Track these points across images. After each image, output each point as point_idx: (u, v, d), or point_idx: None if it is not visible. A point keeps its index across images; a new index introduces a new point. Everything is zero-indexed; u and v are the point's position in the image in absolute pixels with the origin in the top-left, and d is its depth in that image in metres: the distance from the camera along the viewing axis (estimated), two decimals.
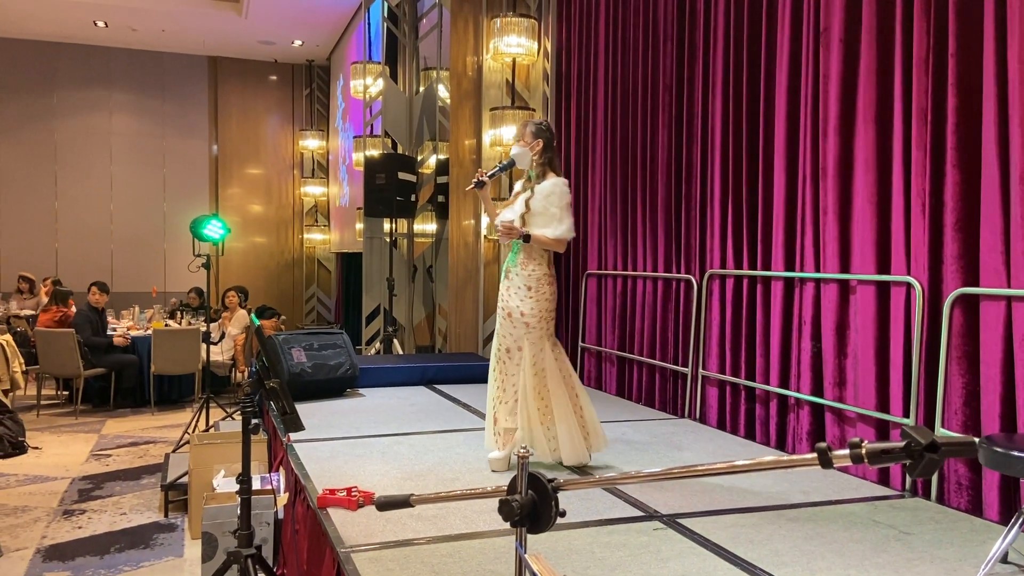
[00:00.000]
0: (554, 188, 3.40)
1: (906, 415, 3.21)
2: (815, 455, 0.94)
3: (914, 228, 3.19)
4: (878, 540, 2.61)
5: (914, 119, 3.16)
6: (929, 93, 3.09)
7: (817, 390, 3.69)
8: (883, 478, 3.30)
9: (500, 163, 3.60)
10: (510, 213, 3.45)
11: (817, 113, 3.67)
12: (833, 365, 3.58)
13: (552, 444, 3.39)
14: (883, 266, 3.36)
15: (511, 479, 1.30)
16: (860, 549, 2.53)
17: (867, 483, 3.28)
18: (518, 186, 3.60)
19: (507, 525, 1.32)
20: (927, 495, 3.09)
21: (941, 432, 3.04)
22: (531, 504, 1.23)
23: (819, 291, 3.69)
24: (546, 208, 3.38)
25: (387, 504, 1.58)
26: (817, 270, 3.70)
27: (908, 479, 3.17)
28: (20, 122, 11.57)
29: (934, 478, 3.07)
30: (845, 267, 3.55)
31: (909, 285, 3.19)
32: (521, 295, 3.40)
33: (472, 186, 3.48)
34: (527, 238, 3.35)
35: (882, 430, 3.36)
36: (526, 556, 1.29)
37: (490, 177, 3.47)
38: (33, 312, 9.04)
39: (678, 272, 4.79)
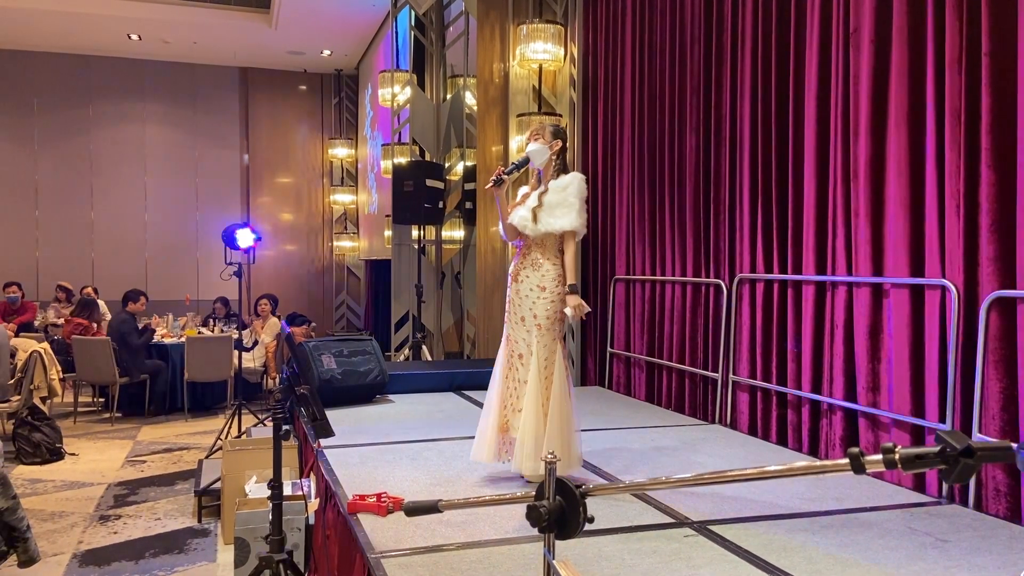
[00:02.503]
0: (572, 180, 3.36)
1: (942, 420, 3.15)
2: (847, 461, 0.93)
3: (948, 230, 3.13)
4: (914, 548, 2.56)
5: (947, 120, 3.11)
6: (962, 93, 3.04)
7: (850, 395, 3.64)
8: (919, 484, 3.24)
9: (514, 162, 3.55)
10: (523, 211, 3.38)
11: (848, 115, 3.63)
12: (866, 370, 3.52)
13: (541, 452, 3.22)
14: (917, 269, 3.31)
15: (539, 485, 1.30)
16: (896, 557, 2.48)
17: (903, 489, 3.22)
18: (526, 188, 3.54)
19: (536, 531, 1.32)
20: (964, 502, 3.03)
21: (978, 437, 2.98)
22: (559, 510, 1.23)
23: (851, 295, 3.63)
24: (564, 199, 3.31)
25: (415, 510, 1.59)
26: (849, 273, 3.65)
27: (945, 485, 3.11)
28: (57, 134, 11.83)
29: (972, 484, 3.01)
30: (878, 270, 3.50)
31: (944, 288, 3.13)
32: (534, 296, 3.32)
33: (491, 184, 3.37)
34: (573, 288, 3.30)
35: (917, 435, 3.30)
36: (554, 562, 1.29)
37: (508, 174, 3.38)
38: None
39: (707, 277, 4.75)
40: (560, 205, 3.32)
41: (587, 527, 1.28)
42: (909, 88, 3.31)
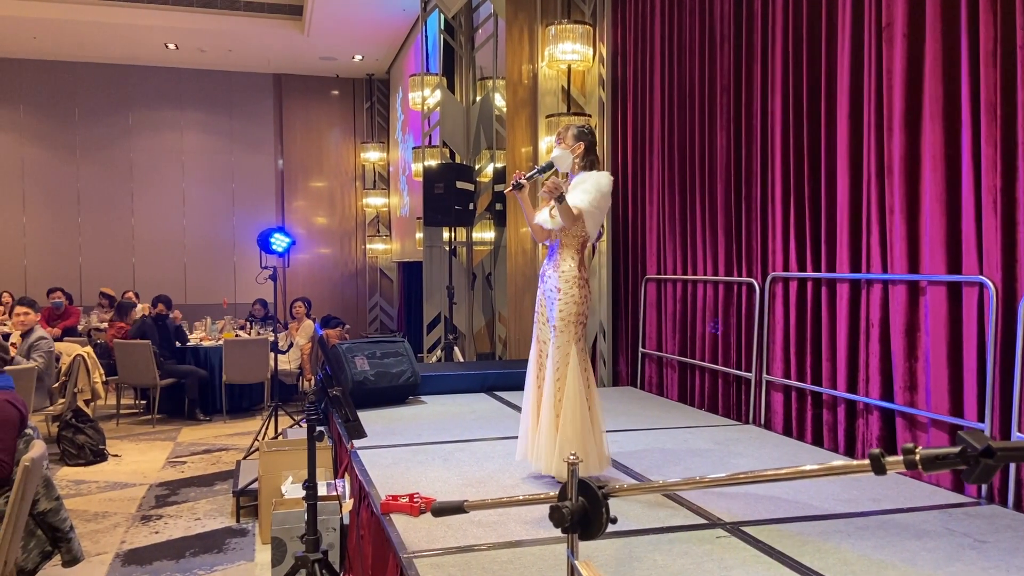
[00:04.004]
0: (592, 173, 3.33)
1: (980, 419, 3.09)
2: (868, 462, 0.92)
3: (986, 226, 3.08)
4: (952, 549, 2.52)
5: (983, 114, 3.06)
6: (998, 87, 2.99)
7: (887, 394, 3.59)
8: (957, 485, 3.18)
9: (539, 165, 3.53)
10: (547, 210, 3.38)
11: (881, 110, 3.58)
12: (903, 369, 3.47)
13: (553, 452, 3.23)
14: (954, 266, 3.26)
15: (562, 486, 1.31)
16: (933, 558, 2.45)
17: (941, 490, 3.17)
18: None
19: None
20: (1004, 502, 2.97)
21: (1017, 436, 2.92)
22: (581, 510, 1.24)
23: (887, 293, 3.59)
24: (582, 186, 3.28)
25: (442, 510, 1.61)
26: (884, 271, 3.60)
27: (983, 486, 3.06)
28: (98, 143, 12.10)
29: (1011, 484, 2.95)
30: (914, 268, 3.44)
31: (982, 285, 3.08)
32: (554, 297, 3.30)
33: (510, 188, 3.35)
34: (562, 198, 3.19)
35: (956, 435, 3.24)
36: (576, 562, 1.30)
37: (528, 179, 3.35)
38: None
39: (739, 276, 4.72)
40: (575, 190, 3.32)
41: (620, 528, 1.28)
42: (943, 82, 3.26)
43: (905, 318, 3.47)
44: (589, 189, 3.29)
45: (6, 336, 6.84)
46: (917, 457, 0.88)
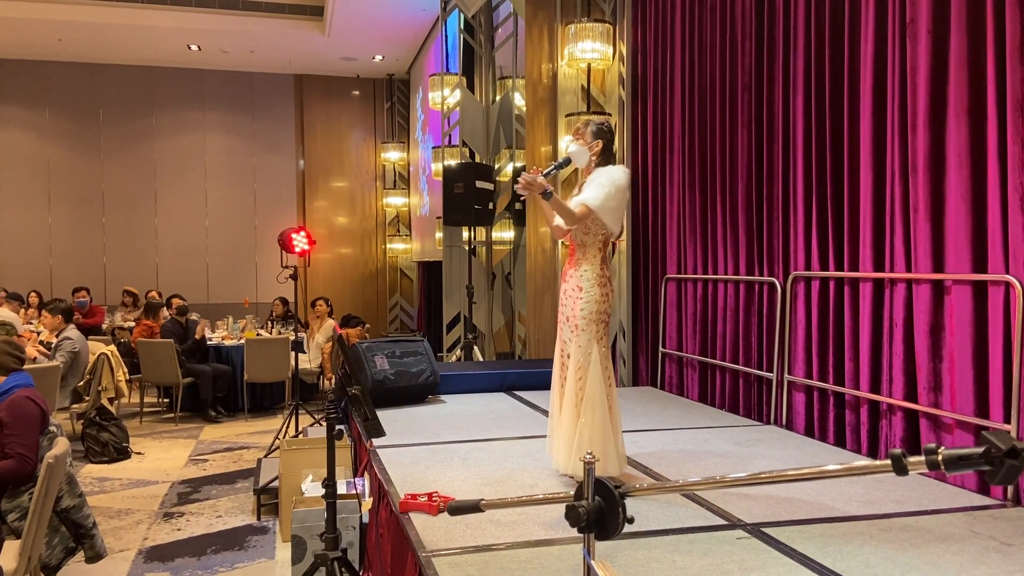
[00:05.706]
0: (604, 170, 3.29)
1: (1007, 421, 3.04)
2: (889, 462, 0.91)
3: (1012, 224, 3.03)
4: (976, 552, 2.48)
5: (1009, 111, 3.01)
6: None
7: (911, 395, 3.54)
8: (982, 487, 3.13)
9: (556, 161, 3.50)
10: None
11: (905, 107, 3.53)
12: (927, 369, 3.42)
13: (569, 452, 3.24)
14: (979, 265, 3.21)
15: (578, 485, 1.31)
16: (957, 561, 2.41)
17: (965, 492, 3.12)
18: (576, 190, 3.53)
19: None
20: None
21: None
22: (598, 510, 1.23)
23: (911, 292, 3.54)
24: (595, 181, 3.25)
25: (458, 509, 1.60)
26: (908, 271, 3.55)
27: (1009, 488, 3.01)
28: (123, 144, 12.24)
29: None
30: (938, 267, 3.39)
31: (1008, 284, 3.03)
32: (574, 296, 3.28)
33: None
34: (548, 195, 3.15)
35: (979, 436, 3.19)
36: (593, 563, 1.29)
37: (546, 175, 3.30)
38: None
39: (761, 275, 4.68)
40: (588, 186, 3.29)
41: (639, 528, 1.28)
42: (969, 79, 3.21)
43: (929, 318, 3.42)
44: (603, 183, 3.24)
45: (38, 334, 6.94)
46: (939, 458, 0.86)
